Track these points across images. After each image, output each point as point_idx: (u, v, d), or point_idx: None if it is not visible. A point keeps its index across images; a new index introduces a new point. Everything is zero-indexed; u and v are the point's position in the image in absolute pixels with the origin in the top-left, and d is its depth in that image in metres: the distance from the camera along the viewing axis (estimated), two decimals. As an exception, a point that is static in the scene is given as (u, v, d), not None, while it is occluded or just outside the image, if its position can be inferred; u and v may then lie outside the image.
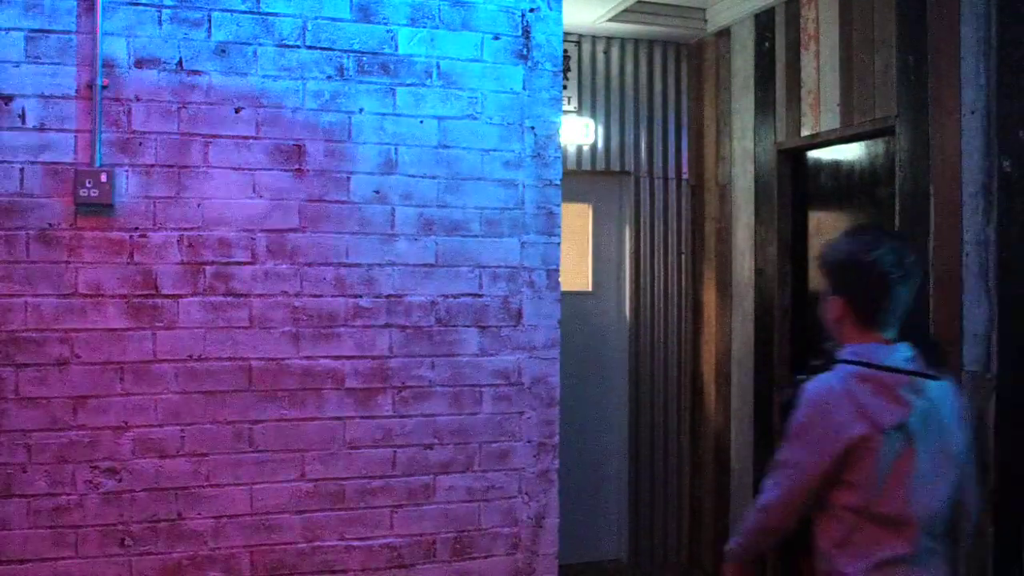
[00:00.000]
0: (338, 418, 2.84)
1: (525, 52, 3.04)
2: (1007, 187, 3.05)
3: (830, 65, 3.92)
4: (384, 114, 2.89)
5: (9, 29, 2.57)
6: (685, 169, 5.06)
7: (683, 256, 5.04)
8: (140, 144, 2.68)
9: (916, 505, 2.01)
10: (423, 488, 2.92)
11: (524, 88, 3.03)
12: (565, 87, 4.05)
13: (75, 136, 2.62)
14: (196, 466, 2.72)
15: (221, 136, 2.75)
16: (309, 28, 2.82)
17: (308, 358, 2.82)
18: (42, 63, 2.60)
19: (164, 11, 2.69)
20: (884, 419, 1.98)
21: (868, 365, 2.01)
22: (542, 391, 3.04)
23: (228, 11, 2.75)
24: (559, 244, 3.07)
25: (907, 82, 3.48)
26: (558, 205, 3.07)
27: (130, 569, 2.66)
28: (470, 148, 2.98)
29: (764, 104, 4.42)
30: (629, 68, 4.99)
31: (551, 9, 3.06)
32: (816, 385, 2.06)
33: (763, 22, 4.43)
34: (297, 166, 2.81)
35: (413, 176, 2.92)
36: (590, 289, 5.02)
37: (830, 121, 3.92)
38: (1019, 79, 3.01)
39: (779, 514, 2.10)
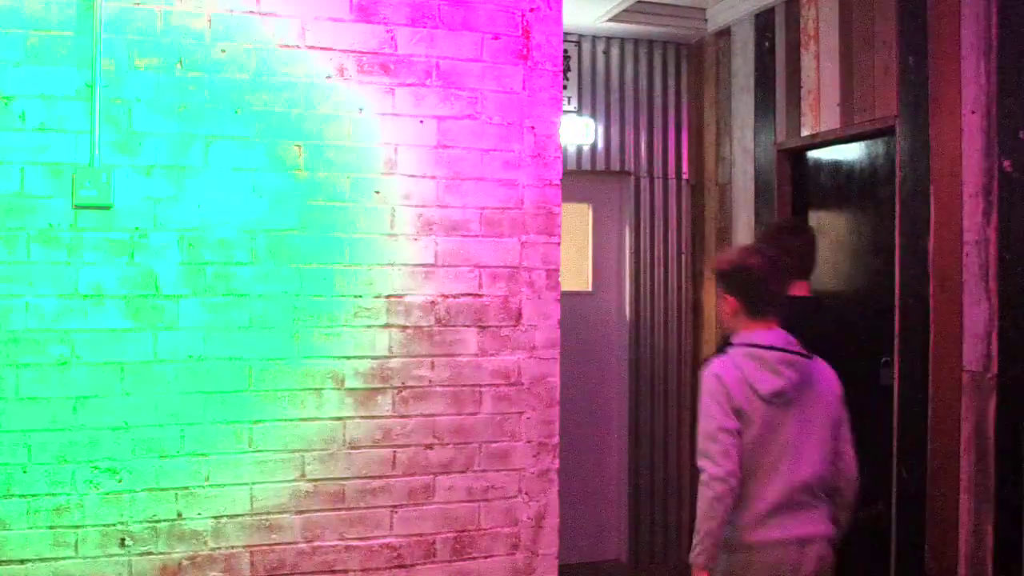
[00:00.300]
0: (338, 418, 2.84)
1: (525, 52, 3.03)
2: (1007, 187, 3.05)
3: (830, 65, 3.92)
4: (384, 114, 2.89)
5: (9, 29, 2.57)
6: (685, 169, 5.06)
7: (683, 256, 5.05)
8: (140, 144, 2.68)
9: (790, 463, 2.42)
10: (423, 488, 2.92)
11: (524, 88, 3.03)
12: (565, 87, 4.04)
13: (75, 136, 2.62)
14: (196, 466, 2.72)
15: (221, 136, 2.75)
16: (309, 28, 2.82)
17: (308, 358, 2.81)
18: (42, 63, 2.60)
19: (164, 11, 2.69)
20: (764, 388, 2.42)
21: (753, 346, 2.47)
22: (542, 391, 3.03)
23: (228, 11, 2.75)
24: (559, 244, 3.07)
25: (907, 82, 3.48)
26: (558, 205, 3.07)
27: (130, 569, 2.66)
28: (470, 148, 2.98)
29: (764, 104, 4.42)
30: (629, 68, 4.99)
31: (551, 9, 3.05)
32: (711, 365, 2.51)
33: (763, 22, 4.43)
34: (297, 166, 2.81)
35: (413, 176, 2.92)
36: (590, 289, 5.02)
37: (830, 121, 3.92)
38: (1019, 79, 3.01)
39: (727, 475, 2.38)
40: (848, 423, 2.58)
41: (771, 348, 2.45)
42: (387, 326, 2.89)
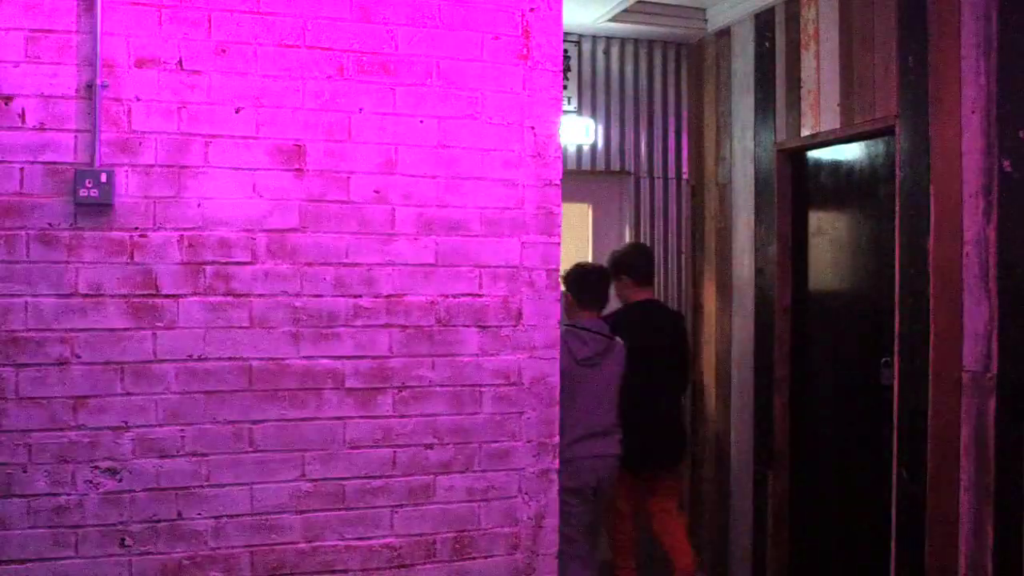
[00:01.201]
0: (338, 418, 2.84)
1: (525, 52, 3.04)
2: (1007, 187, 3.05)
3: (830, 65, 3.92)
4: (384, 114, 2.89)
5: (9, 29, 2.57)
6: (685, 169, 5.06)
7: (683, 256, 5.04)
8: (140, 144, 2.68)
9: (593, 406, 3.72)
10: (423, 488, 2.92)
11: (524, 88, 3.03)
12: (565, 87, 4.04)
13: (75, 136, 2.62)
14: (196, 466, 2.72)
15: (221, 136, 2.75)
16: (309, 28, 2.82)
17: (308, 358, 2.82)
18: (42, 63, 2.60)
19: (164, 11, 2.69)
20: (579, 354, 3.69)
21: (575, 327, 3.76)
22: (542, 391, 3.04)
23: (228, 11, 2.75)
24: (559, 244, 3.07)
25: (907, 82, 3.48)
26: (558, 205, 3.07)
27: (130, 569, 2.66)
28: (470, 148, 2.98)
29: (764, 104, 4.42)
30: (629, 68, 4.99)
31: (551, 9, 3.06)
32: None
33: (763, 22, 4.43)
34: (297, 166, 2.81)
35: (413, 176, 2.92)
36: (590, 289, 5.00)
37: (830, 121, 3.93)
38: (1019, 79, 3.01)
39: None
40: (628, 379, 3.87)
41: (585, 329, 3.76)
42: (387, 326, 2.89)
